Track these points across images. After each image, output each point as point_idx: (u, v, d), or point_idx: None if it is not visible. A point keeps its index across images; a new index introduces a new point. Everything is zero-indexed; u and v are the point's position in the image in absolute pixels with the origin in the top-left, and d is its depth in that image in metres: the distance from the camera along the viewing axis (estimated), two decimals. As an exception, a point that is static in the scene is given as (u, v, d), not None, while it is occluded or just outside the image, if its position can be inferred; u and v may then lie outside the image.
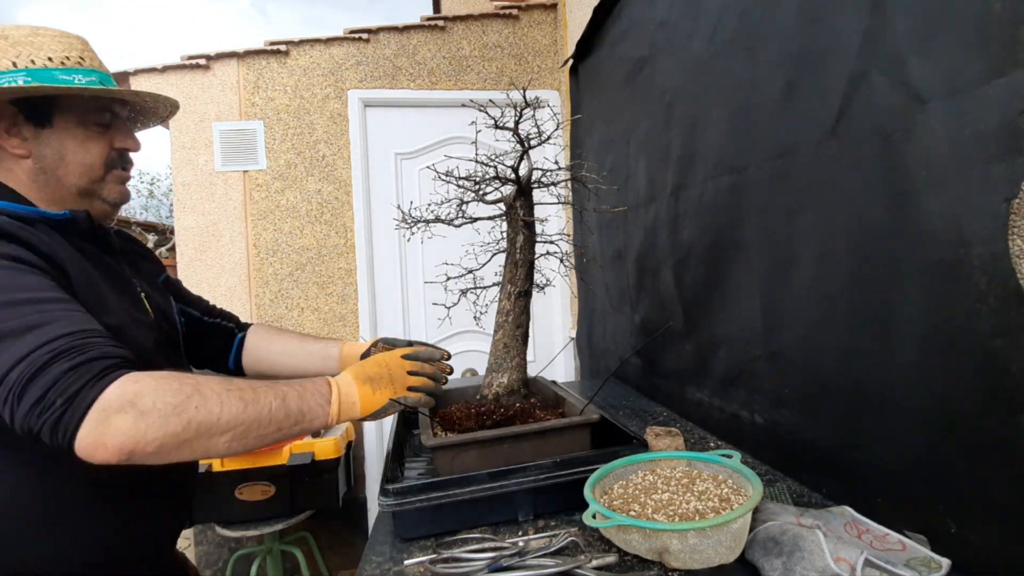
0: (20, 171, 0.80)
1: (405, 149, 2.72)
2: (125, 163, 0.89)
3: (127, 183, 0.90)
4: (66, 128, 0.81)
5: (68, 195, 0.83)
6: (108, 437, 0.62)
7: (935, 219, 0.67)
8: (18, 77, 0.76)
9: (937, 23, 0.67)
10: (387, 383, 0.83)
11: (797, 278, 0.96)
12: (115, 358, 0.66)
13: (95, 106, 0.83)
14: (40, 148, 0.80)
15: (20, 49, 0.77)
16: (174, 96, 1.41)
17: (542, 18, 2.80)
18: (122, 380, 0.64)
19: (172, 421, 0.65)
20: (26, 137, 0.79)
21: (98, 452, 0.62)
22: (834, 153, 0.85)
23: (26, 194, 0.80)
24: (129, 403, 0.63)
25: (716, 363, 1.26)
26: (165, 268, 1.08)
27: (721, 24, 1.15)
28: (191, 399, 0.67)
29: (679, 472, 0.88)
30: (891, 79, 0.73)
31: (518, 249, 1.08)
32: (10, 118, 0.78)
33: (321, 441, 2.07)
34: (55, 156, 0.81)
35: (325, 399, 0.78)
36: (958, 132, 0.64)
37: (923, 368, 0.71)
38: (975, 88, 0.61)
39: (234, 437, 0.70)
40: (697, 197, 1.28)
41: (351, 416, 0.80)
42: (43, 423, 0.61)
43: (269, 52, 2.55)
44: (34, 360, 0.62)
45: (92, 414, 0.62)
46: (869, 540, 0.71)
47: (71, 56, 0.80)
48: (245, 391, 0.72)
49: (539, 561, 0.73)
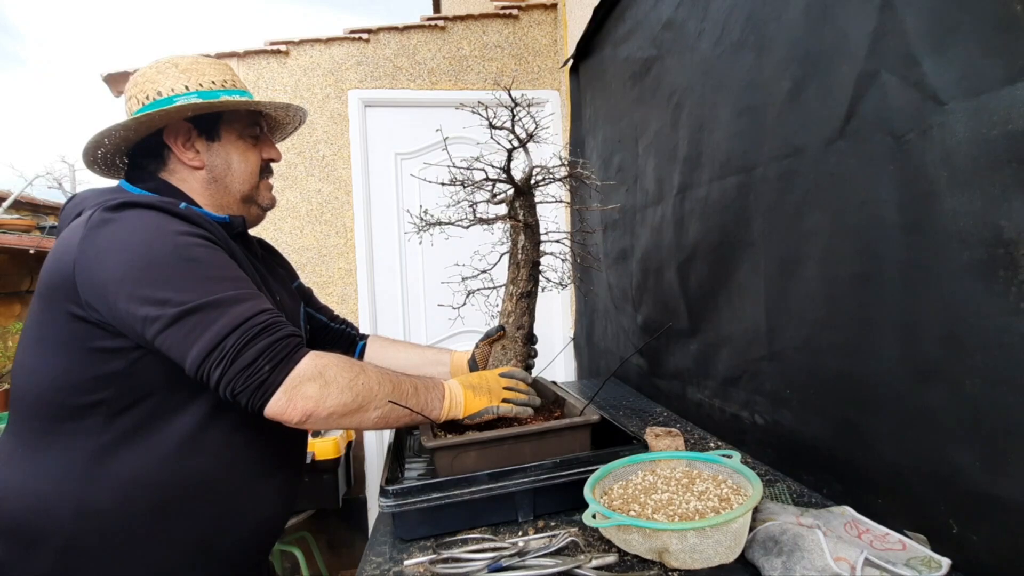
0: (194, 180, 0.92)
1: (405, 149, 2.72)
2: (269, 172, 1.01)
3: (272, 190, 1.03)
4: (230, 141, 0.94)
5: (233, 201, 0.95)
6: (298, 399, 0.75)
7: (963, 220, 0.66)
8: (191, 98, 0.88)
9: (951, 24, 0.66)
10: (485, 392, 0.95)
11: (803, 278, 0.96)
12: (300, 336, 0.80)
13: (249, 121, 0.96)
14: (212, 159, 0.92)
15: (189, 75, 0.90)
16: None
17: (542, 18, 2.79)
18: (312, 355, 0.79)
19: (346, 392, 0.79)
20: (199, 150, 0.92)
21: (288, 411, 0.75)
22: (843, 153, 0.85)
23: (198, 201, 0.92)
24: (319, 374, 0.77)
25: (718, 363, 1.26)
26: (297, 276, 1.20)
27: (729, 24, 1.15)
28: (359, 377, 0.81)
29: (679, 472, 0.88)
30: (903, 79, 0.73)
31: (520, 250, 1.08)
32: (186, 133, 0.90)
33: (321, 441, 2.07)
34: (224, 166, 0.93)
35: (441, 396, 0.92)
36: (984, 133, 0.63)
37: (937, 367, 0.70)
38: (999, 89, 0.61)
39: (382, 414, 0.84)
40: (703, 197, 1.28)
41: (455, 415, 0.93)
42: (249, 385, 0.73)
43: (269, 52, 2.55)
44: (246, 330, 0.74)
45: (289, 379, 0.75)
46: (869, 540, 0.71)
47: (228, 79, 0.94)
48: (392, 377, 0.87)
49: (539, 561, 0.73)
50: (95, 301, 0.75)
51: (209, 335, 0.72)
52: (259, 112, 0.99)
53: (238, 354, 0.73)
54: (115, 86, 2.50)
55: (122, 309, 0.73)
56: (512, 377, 1.00)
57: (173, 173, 0.92)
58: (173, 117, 0.88)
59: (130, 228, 0.76)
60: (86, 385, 0.78)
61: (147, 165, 0.92)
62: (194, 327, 0.72)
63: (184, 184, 0.92)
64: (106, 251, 0.74)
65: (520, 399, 0.97)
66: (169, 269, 0.74)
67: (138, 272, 0.73)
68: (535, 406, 0.99)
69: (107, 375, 0.78)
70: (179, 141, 0.90)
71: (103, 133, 0.87)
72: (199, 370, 0.73)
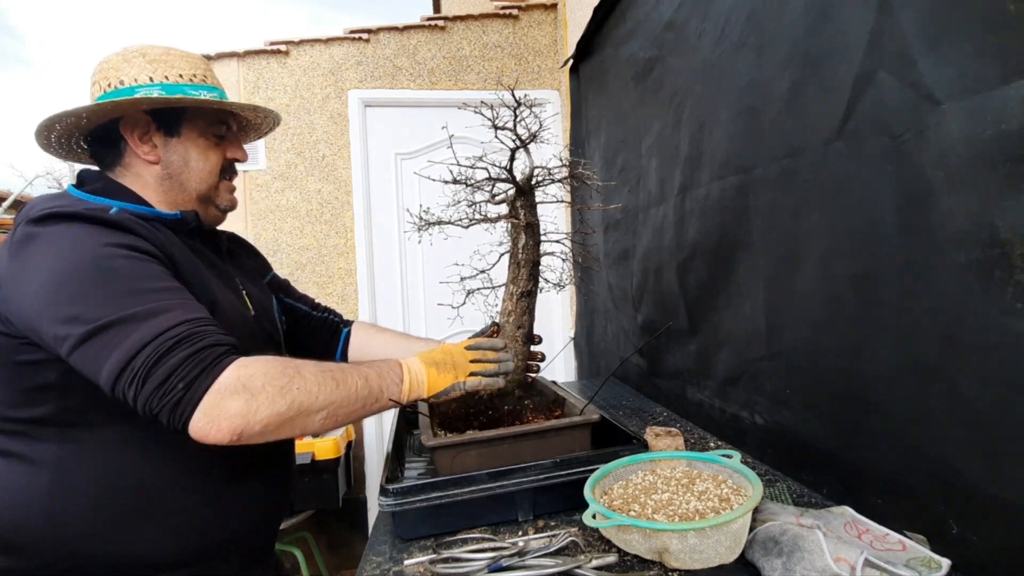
0: (148, 175, 0.88)
1: (405, 149, 2.72)
2: (232, 173, 0.97)
3: (234, 192, 0.98)
4: (191, 138, 0.90)
5: (188, 199, 0.91)
6: (222, 418, 0.67)
7: (959, 220, 0.66)
8: (154, 90, 0.85)
9: (946, 24, 0.66)
10: (450, 368, 0.90)
11: (802, 278, 0.96)
12: (227, 345, 0.72)
13: (215, 119, 0.92)
14: (168, 155, 0.88)
15: (156, 66, 0.86)
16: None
17: (542, 18, 2.79)
18: (234, 365, 0.70)
19: (279, 401, 0.70)
20: (156, 144, 0.88)
21: (211, 432, 0.67)
22: (841, 153, 0.85)
23: (150, 197, 0.88)
24: (242, 386, 0.69)
25: (718, 363, 1.26)
26: (271, 268, 1.17)
27: (729, 24, 1.15)
28: (294, 380, 0.73)
29: (679, 472, 0.88)
30: (900, 79, 0.73)
31: (520, 249, 1.08)
32: (144, 126, 0.87)
33: (321, 441, 2.07)
34: (181, 163, 0.89)
35: (399, 378, 0.86)
36: (978, 133, 0.63)
37: (936, 367, 0.70)
38: (992, 89, 0.61)
39: (328, 415, 0.76)
40: (703, 197, 1.28)
41: (419, 395, 0.87)
42: (164, 405, 0.66)
43: (269, 52, 2.55)
44: (158, 346, 0.67)
45: (208, 396, 0.67)
46: (869, 540, 0.71)
47: (197, 74, 0.89)
48: (335, 372, 0.79)
49: (539, 561, 0.73)
50: (18, 320, 0.73)
51: (118, 353, 0.67)
52: (228, 111, 0.94)
53: (149, 372, 0.66)
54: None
55: (43, 330, 0.70)
56: (479, 348, 0.96)
57: (129, 167, 0.88)
58: (126, 109, 0.84)
59: (49, 245, 0.73)
60: (20, 399, 0.76)
61: (103, 155, 0.90)
62: (104, 345, 0.67)
63: (138, 180, 0.88)
64: (25, 270, 0.72)
65: (489, 369, 0.93)
66: (84, 285, 0.70)
67: (53, 291, 0.70)
68: (507, 372, 0.95)
69: (40, 387, 0.75)
70: (135, 134, 0.86)
71: (53, 118, 0.83)
72: (113, 391, 0.68)
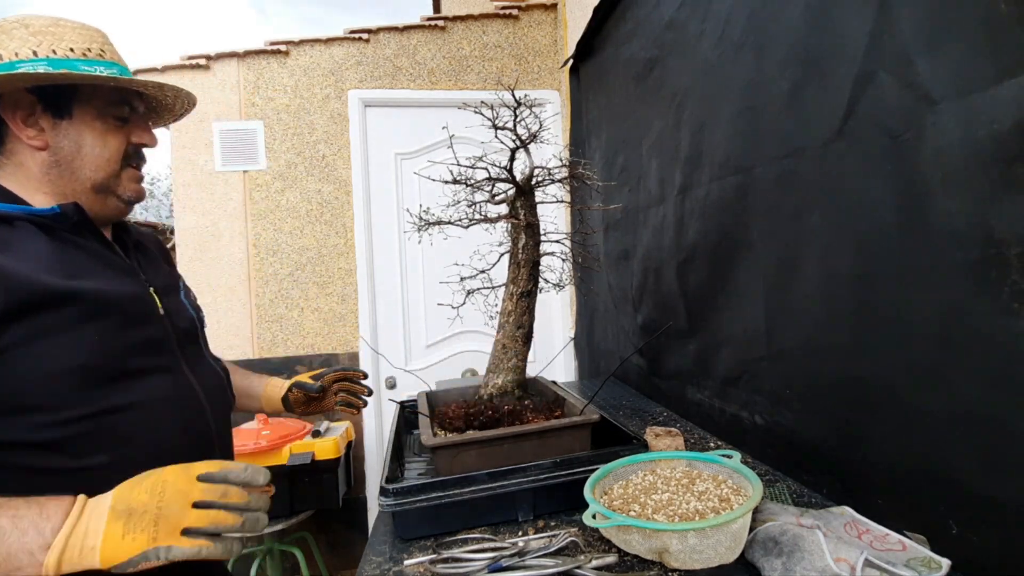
0: (33, 163, 0.78)
1: (405, 149, 2.72)
2: (140, 160, 0.87)
3: (142, 182, 0.88)
4: (85, 120, 0.79)
5: (82, 189, 0.80)
6: None
7: (955, 219, 0.66)
8: (39, 66, 0.74)
9: (942, 24, 0.66)
10: (149, 524, 0.59)
11: (802, 278, 0.96)
12: None
13: (115, 99, 0.82)
14: (58, 140, 0.78)
15: (41, 38, 0.76)
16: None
17: (542, 18, 2.79)
18: None
19: None
20: (43, 128, 0.77)
21: None
22: (841, 153, 0.85)
23: (37, 187, 0.78)
24: None
25: (718, 363, 1.26)
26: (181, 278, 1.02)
27: (729, 24, 1.15)
28: None
29: (679, 472, 0.88)
30: (899, 79, 0.73)
31: (520, 249, 1.08)
32: (28, 107, 0.76)
33: (321, 441, 2.07)
34: (72, 148, 0.79)
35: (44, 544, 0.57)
36: (973, 133, 0.63)
37: (935, 368, 0.70)
38: (986, 89, 0.61)
39: None
40: (703, 197, 1.29)
41: (89, 564, 0.57)
42: None
43: (269, 52, 2.55)
44: None
45: None
46: (869, 540, 0.71)
47: (92, 48, 0.79)
48: None
49: (539, 561, 0.73)
50: None
51: None
52: (132, 90, 0.83)
53: None
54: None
55: None
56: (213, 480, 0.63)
57: (11, 155, 0.78)
58: (4, 87, 0.73)
59: None
60: None
61: None
62: None
63: (19, 170, 0.78)
64: None
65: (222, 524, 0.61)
66: None
67: None
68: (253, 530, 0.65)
69: None
70: (17, 116, 0.76)
71: None
72: None
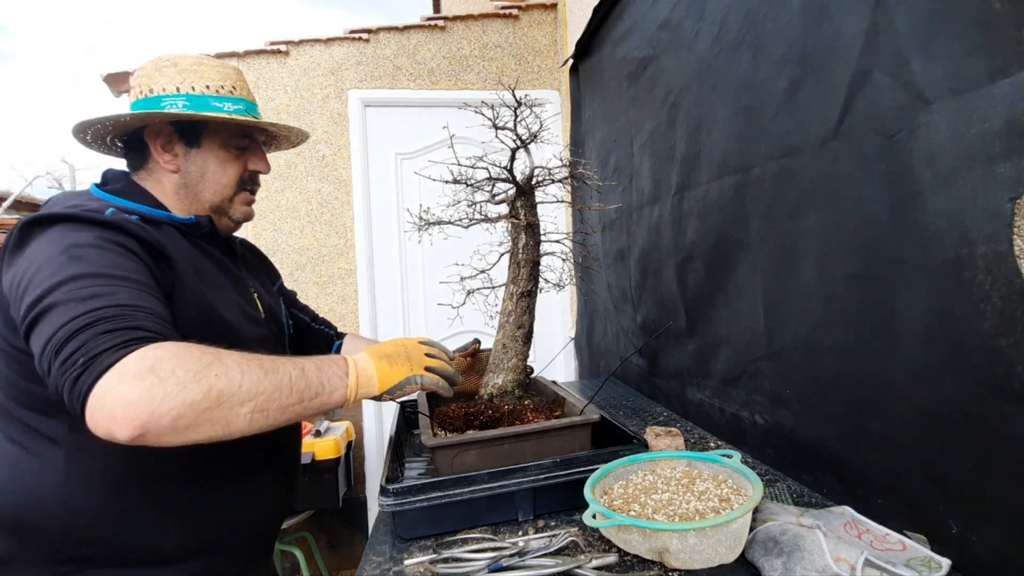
0: (167, 182, 0.91)
1: (405, 149, 2.72)
2: (254, 184, 0.99)
3: (252, 204, 1.00)
4: (211, 149, 0.92)
5: (202, 209, 0.93)
6: (117, 406, 0.58)
7: (940, 219, 0.67)
8: (179, 101, 0.88)
9: (937, 23, 0.66)
10: (404, 360, 0.81)
11: (800, 278, 0.96)
12: (150, 331, 0.65)
13: (238, 131, 0.94)
14: (187, 165, 0.91)
15: (185, 76, 0.89)
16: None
17: (542, 18, 2.79)
18: (147, 347, 0.62)
19: (192, 388, 0.60)
20: (177, 154, 0.90)
21: (107, 423, 0.58)
22: (837, 153, 0.85)
23: (168, 202, 0.90)
24: (148, 368, 0.60)
25: (717, 363, 1.26)
26: (280, 276, 1.21)
27: (726, 24, 1.15)
28: (212, 366, 0.63)
29: (679, 472, 0.88)
30: (894, 79, 0.73)
31: (520, 249, 1.08)
32: (167, 136, 0.89)
33: (321, 441, 2.07)
34: (198, 173, 0.91)
35: (343, 371, 0.76)
36: (963, 132, 0.63)
37: (926, 368, 0.71)
38: (979, 88, 0.61)
39: (256, 407, 0.66)
40: (701, 197, 1.28)
41: (369, 391, 0.78)
42: (64, 382, 0.60)
43: (269, 52, 2.55)
44: (77, 323, 0.62)
45: (108, 377, 0.59)
46: (869, 540, 0.71)
47: (225, 85, 0.91)
48: (265, 361, 0.69)
49: (539, 561, 0.73)
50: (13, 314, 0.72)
51: (46, 331, 0.63)
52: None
53: (61, 346, 0.61)
54: (116, 86, 2.50)
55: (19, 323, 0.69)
56: (433, 344, 0.89)
57: (151, 172, 0.91)
58: (145, 121, 0.87)
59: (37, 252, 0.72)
60: (24, 386, 0.77)
61: (131, 157, 0.93)
62: (43, 327, 0.64)
63: (158, 186, 0.91)
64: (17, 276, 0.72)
65: (445, 369, 0.85)
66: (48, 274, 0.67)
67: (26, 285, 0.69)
68: (456, 383, 0.87)
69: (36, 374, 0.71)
70: (158, 142, 0.89)
71: (84, 124, 0.88)
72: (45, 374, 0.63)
